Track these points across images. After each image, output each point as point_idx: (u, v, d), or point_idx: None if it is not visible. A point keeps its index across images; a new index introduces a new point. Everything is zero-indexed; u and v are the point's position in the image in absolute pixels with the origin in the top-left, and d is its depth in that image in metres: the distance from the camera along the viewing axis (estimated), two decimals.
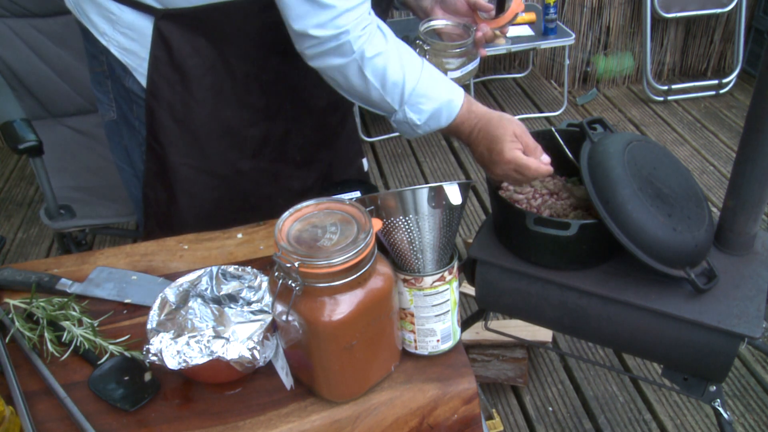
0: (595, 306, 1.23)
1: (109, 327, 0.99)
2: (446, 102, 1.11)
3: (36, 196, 3.04)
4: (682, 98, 3.56)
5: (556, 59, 3.74)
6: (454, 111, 1.12)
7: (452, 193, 0.84)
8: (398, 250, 0.87)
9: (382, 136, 3.38)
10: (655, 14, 3.40)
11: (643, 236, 1.11)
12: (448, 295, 0.89)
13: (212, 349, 0.83)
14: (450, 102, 1.11)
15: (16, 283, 1.07)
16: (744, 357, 2.04)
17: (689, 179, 1.24)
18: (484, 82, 3.74)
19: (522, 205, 1.32)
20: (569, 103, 3.51)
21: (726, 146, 3.16)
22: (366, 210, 0.83)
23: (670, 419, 1.87)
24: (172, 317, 0.92)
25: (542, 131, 1.38)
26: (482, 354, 1.94)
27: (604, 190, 1.13)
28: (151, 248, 1.16)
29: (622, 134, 1.22)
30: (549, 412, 1.92)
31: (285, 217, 0.83)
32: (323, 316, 0.77)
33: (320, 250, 0.77)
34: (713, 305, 1.15)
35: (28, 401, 0.87)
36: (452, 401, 0.89)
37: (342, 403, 0.86)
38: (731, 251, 1.26)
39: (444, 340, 0.91)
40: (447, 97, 1.11)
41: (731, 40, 3.64)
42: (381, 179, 3.10)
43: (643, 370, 2.03)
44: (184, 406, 0.87)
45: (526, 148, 1.11)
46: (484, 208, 2.81)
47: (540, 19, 3.25)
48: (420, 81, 1.09)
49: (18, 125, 1.71)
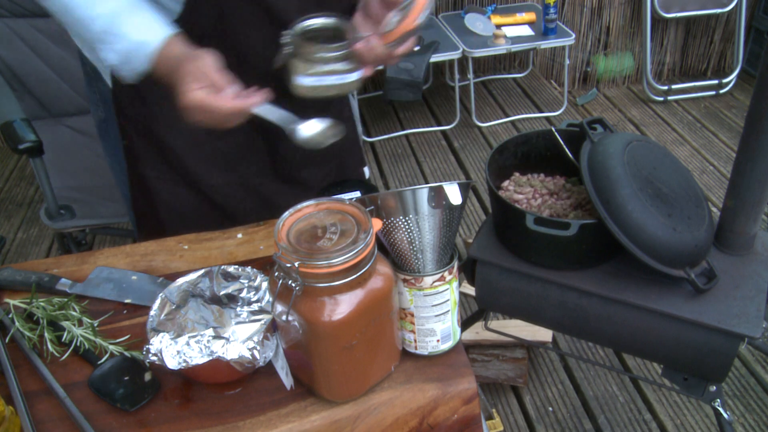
0: (595, 306, 1.23)
1: (109, 327, 0.99)
2: (138, 43, 1.01)
3: (36, 196, 3.04)
4: (682, 98, 3.56)
5: (556, 59, 3.75)
6: (147, 54, 1.01)
7: (452, 193, 0.84)
8: (398, 250, 0.87)
9: (382, 136, 3.39)
10: (655, 14, 3.40)
11: (643, 236, 1.11)
12: (448, 295, 0.89)
13: (212, 349, 0.83)
14: (143, 44, 1.01)
15: (16, 283, 1.07)
16: (744, 357, 2.04)
17: (689, 179, 1.24)
18: (484, 82, 3.75)
19: (522, 205, 1.32)
20: (569, 103, 3.51)
21: (726, 146, 3.16)
22: (366, 210, 0.83)
23: (670, 419, 1.87)
24: (172, 317, 0.92)
25: (542, 131, 1.39)
26: (482, 354, 1.94)
27: (604, 190, 1.13)
28: (151, 248, 1.16)
29: (622, 134, 1.22)
30: (549, 412, 1.92)
31: (285, 217, 0.83)
32: (323, 316, 0.77)
33: (320, 250, 0.77)
34: (713, 305, 1.15)
35: (28, 401, 0.87)
36: (452, 401, 0.89)
37: (342, 403, 0.86)
38: (731, 251, 1.26)
39: (444, 340, 0.91)
40: (140, 38, 1.01)
41: (731, 40, 3.64)
42: (381, 179, 3.10)
43: (643, 370, 2.03)
44: (184, 406, 0.87)
45: (215, 85, 0.98)
46: (484, 208, 2.81)
47: (540, 19, 3.25)
48: (109, 17, 1.00)
49: (18, 125, 1.71)
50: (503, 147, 1.38)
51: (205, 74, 0.98)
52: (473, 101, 3.36)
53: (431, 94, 3.70)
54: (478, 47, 3.11)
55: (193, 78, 0.97)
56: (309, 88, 1.08)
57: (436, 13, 3.54)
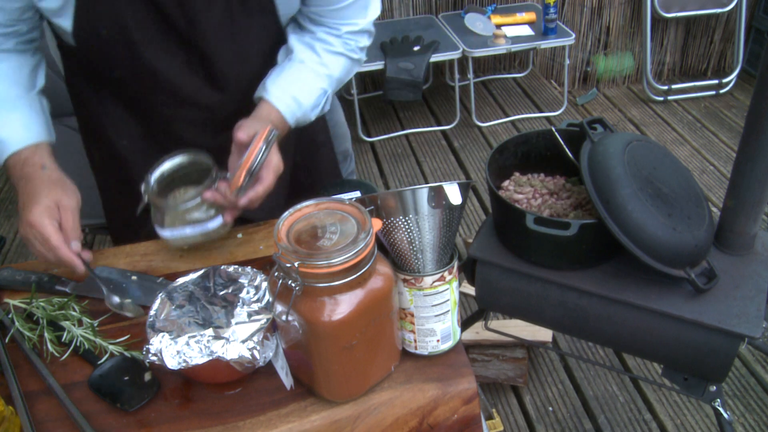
0: (595, 306, 1.23)
1: (109, 327, 0.99)
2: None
3: None
4: (682, 98, 3.56)
5: (556, 59, 3.75)
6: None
7: (452, 192, 0.84)
8: (398, 250, 0.87)
9: (382, 135, 3.39)
10: (655, 14, 3.40)
11: (643, 236, 1.11)
12: (448, 295, 0.89)
13: (212, 349, 0.83)
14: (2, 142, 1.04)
15: (16, 283, 1.07)
16: (744, 357, 2.04)
17: (689, 179, 1.24)
18: (484, 81, 3.75)
19: (522, 205, 1.32)
20: (569, 103, 3.51)
21: (726, 146, 3.16)
22: (366, 210, 0.82)
23: (670, 419, 1.87)
24: (172, 317, 0.92)
25: (542, 131, 1.38)
26: (482, 354, 1.94)
27: (604, 190, 1.13)
28: (151, 248, 1.16)
29: (622, 134, 1.22)
30: (549, 412, 1.92)
31: (285, 216, 0.83)
32: (323, 316, 0.77)
33: (320, 250, 0.77)
34: (713, 305, 1.15)
35: (28, 401, 0.87)
36: (452, 401, 0.89)
37: (342, 403, 0.86)
38: (731, 251, 1.26)
39: (444, 340, 0.91)
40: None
41: (731, 40, 3.64)
42: (381, 179, 3.10)
43: (643, 370, 2.03)
44: (184, 406, 0.87)
45: (65, 224, 0.99)
46: (484, 208, 2.81)
47: (540, 19, 3.25)
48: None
49: None
50: (503, 147, 1.38)
51: (65, 210, 0.99)
52: (473, 101, 3.36)
53: (431, 94, 3.70)
54: (478, 47, 3.11)
55: (54, 205, 0.98)
56: (170, 240, 1.06)
57: (436, 13, 3.54)
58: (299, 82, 1.16)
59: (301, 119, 1.18)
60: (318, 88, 1.18)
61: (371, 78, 3.69)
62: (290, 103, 1.14)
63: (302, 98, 1.16)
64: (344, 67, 1.22)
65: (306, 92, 1.17)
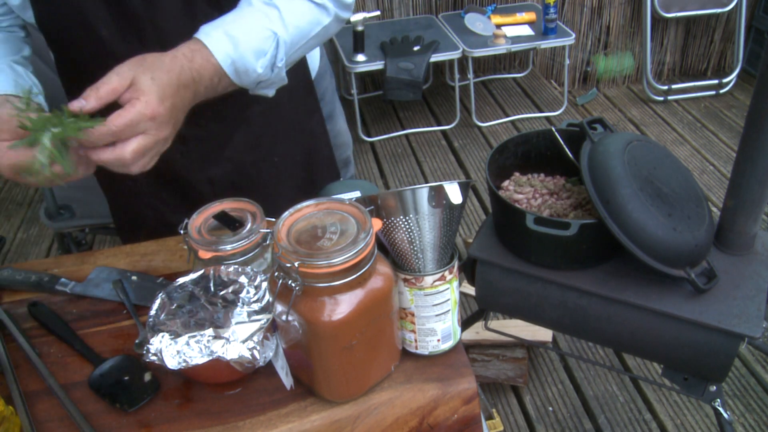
0: (595, 306, 1.23)
1: (109, 327, 0.99)
2: None
3: (36, 196, 3.04)
4: (682, 98, 3.56)
5: (556, 59, 3.75)
6: None
7: (452, 192, 0.84)
8: (398, 249, 0.87)
9: (382, 135, 3.39)
10: (655, 14, 3.40)
11: (643, 236, 1.11)
12: (449, 295, 0.89)
13: (212, 349, 0.83)
14: None
15: (16, 283, 1.07)
16: (744, 357, 2.04)
17: (689, 179, 1.24)
18: (484, 81, 3.75)
19: (522, 205, 1.32)
20: (569, 103, 3.51)
21: (726, 146, 3.16)
22: (366, 210, 0.82)
23: (670, 419, 1.87)
24: (172, 317, 0.92)
25: (542, 131, 1.39)
26: (482, 354, 1.94)
27: (604, 190, 1.13)
28: (151, 248, 1.16)
29: (622, 134, 1.22)
30: (549, 411, 1.92)
31: (285, 216, 0.83)
32: (323, 316, 0.77)
33: (320, 250, 0.77)
34: (713, 305, 1.15)
35: (28, 401, 0.87)
36: (452, 401, 0.89)
37: (342, 403, 0.86)
38: (731, 251, 1.26)
39: (444, 340, 0.91)
40: None
41: (731, 39, 3.64)
42: (381, 179, 3.10)
43: (643, 370, 2.03)
44: (184, 406, 0.87)
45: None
46: (484, 208, 2.81)
47: (540, 19, 3.25)
48: None
49: None
50: (503, 147, 1.38)
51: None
52: (473, 101, 3.36)
53: (431, 93, 3.70)
54: (478, 47, 3.11)
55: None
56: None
57: (436, 13, 3.54)
58: (240, 19, 0.96)
59: (241, 68, 0.96)
60: (264, 28, 0.96)
61: (371, 78, 3.69)
62: (221, 38, 0.93)
63: (240, 36, 0.94)
64: (304, 13, 1.01)
65: (245, 31, 0.95)
